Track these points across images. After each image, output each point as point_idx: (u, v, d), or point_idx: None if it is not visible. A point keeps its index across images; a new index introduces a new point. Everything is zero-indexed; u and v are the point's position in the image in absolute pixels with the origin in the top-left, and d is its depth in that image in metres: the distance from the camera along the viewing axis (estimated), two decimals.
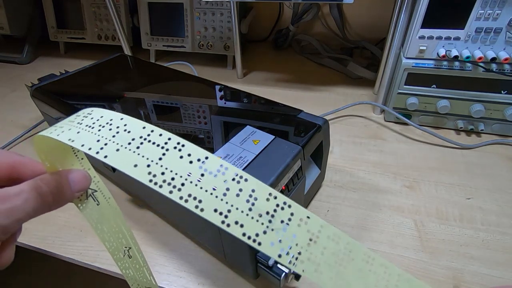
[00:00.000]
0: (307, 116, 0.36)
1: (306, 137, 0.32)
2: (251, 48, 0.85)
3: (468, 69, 0.44)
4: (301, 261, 0.16)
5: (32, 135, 0.55)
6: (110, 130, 0.17)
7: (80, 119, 0.18)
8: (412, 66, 0.46)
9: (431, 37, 0.44)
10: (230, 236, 0.29)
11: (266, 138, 0.32)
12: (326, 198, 0.40)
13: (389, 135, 0.51)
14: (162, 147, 0.16)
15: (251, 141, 0.32)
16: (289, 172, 0.29)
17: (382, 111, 0.55)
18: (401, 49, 0.49)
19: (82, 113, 0.18)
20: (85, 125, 0.17)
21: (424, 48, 0.45)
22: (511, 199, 0.39)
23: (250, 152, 0.30)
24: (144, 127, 0.17)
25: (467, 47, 0.44)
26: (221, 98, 0.40)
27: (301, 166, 0.31)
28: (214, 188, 0.16)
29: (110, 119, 0.17)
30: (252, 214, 0.16)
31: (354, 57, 0.74)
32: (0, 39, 0.93)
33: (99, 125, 0.17)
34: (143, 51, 0.79)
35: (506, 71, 0.43)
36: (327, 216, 0.38)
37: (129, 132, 0.17)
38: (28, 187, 0.18)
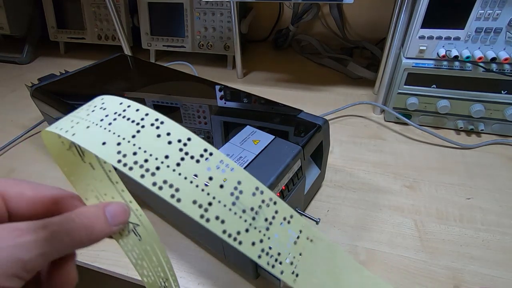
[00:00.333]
0: (307, 116, 0.36)
1: (306, 137, 0.32)
2: (251, 48, 0.85)
3: (468, 69, 0.44)
4: (280, 263, 0.15)
5: (32, 135, 0.55)
6: (87, 110, 0.15)
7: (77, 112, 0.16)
8: (412, 66, 0.46)
9: (431, 37, 0.44)
10: None
11: (266, 138, 0.32)
12: (326, 198, 0.40)
13: (389, 135, 0.51)
14: (138, 123, 0.14)
15: (251, 141, 0.32)
16: (289, 172, 0.29)
17: (382, 111, 0.55)
18: (401, 49, 0.49)
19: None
20: (75, 114, 0.16)
21: (424, 48, 0.45)
22: (511, 199, 0.39)
23: (250, 152, 0.30)
24: (121, 103, 0.15)
25: (467, 47, 0.44)
26: (221, 98, 0.40)
27: (301, 166, 0.31)
28: (195, 176, 0.14)
29: (93, 102, 0.16)
30: (235, 209, 0.14)
31: (354, 57, 0.74)
32: (0, 39, 0.93)
33: (81, 109, 0.16)
34: (143, 51, 0.79)
35: (506, 71, 0.43)
36: (327, 216, 0.38)
37: (104, 109, 0.15)
38: (58, 220, 0.16)
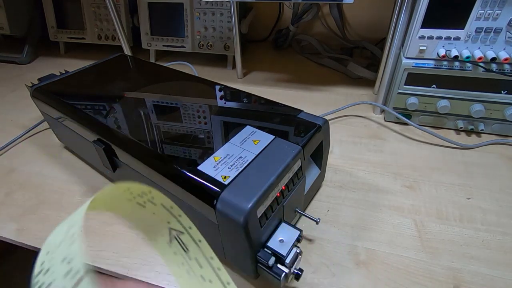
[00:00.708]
0: (307, 116, 0.36)
1: (306, 137, 0.32)
2: (251, 48, 0.85)
3: (468, 69, 0.44)
4: None
5: (32, 135, 0.55)
6: None
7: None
8: (412, 66, 0.46)
9: (431, 37, 0.44)
10: (230, 236, 0.29)
11: (266, 138, 0.32)
12: (326, 198, 0.40)
13: (389, 135, 0.51)
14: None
15: (251, 141, 0.32)
16: (289, 172, 0.29)
17: (382, 111, 0.55)
18: (401, 49, 0.49)
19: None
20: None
21: (424, 48, 0.45)
22: (511, 199, 0.39)
23: (250, 152, 0.30)
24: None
25: (467, 47, 0.44)
26: (221, 98, 0.40)
27: (301, 166, 0.31)
28: None
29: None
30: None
31: (354, 57, 0.74)
32: (0, 39, 0.93)
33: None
34: (143, 51, 0.79)
35: (506, 71, 0.43)
36: (327, 216, 0.38)
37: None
38: None
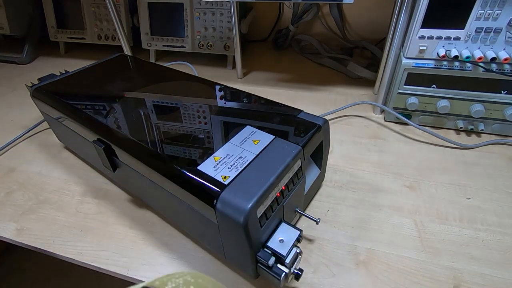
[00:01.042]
0: (307, 116, 0.36)
1: (306, 137, 0.32)
2: (251, 48, 0.85)
3: (468, 69, 0.44)
4: None
5: (32, 135, 0.55)
6: None
7: None
8: (412, 66, 0.46)
9: (431, 37, 0.44)
10: (230, 236, 0.29)
11: (266, 138, 0.32)
12: (326, 198, 0.40)
13: (389, 135, 0.51)
14: None
15: (251, 141, 0.32)
16: (289, 172, 0.29)
17: (382, 111, 0.55)
18: (401, 49, 0.49)
19: None
20: None
21: (424, 48, 0.45)
22: (511, 199, 0.39)
23: (250, 152, 0.30)
24: None
25: (467, 47, 0.44)
26: (221, 98, 0.40)
27: (301, 166, 0.31)
28: None
29: None
30: None
31: (354, 57, 0.74)
32: (0, 39, 0.93)
33: None
34: (143, 51, 0.79)
35: (506, 71, 0.43)
36: (327, 216, 0.38)
37: None
38: None
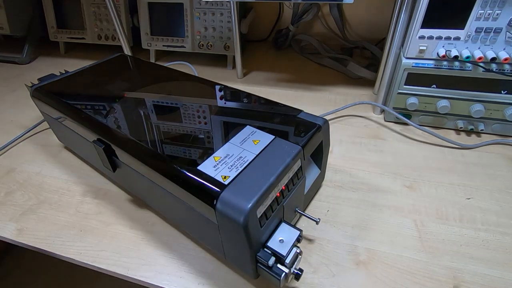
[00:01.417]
0: (307, 116, 0.36)
1: (306, 137, 0.32)
2: (251, 48, 0.85)
3: (468, 69, 0.44)
4: None
5: (32, 135, 0.55)
6: None
7: None
8: (412, 66, 0.46)
9: (431, 37, 0.44)
10: (230, 236, 0.29)
11: (266, 138, 0.32)
12: (326, 198, 0.40)
13: (389, 135, 0.51)
14: None
15: (251, 141, 0.32)
16: (289, 172, 0.29)
17: (382, 111, 0.55)
18: (401, 49, 0.49)
19: None
20: None
21: (424, 48, 0.45)
22: (511, 199, 0.39)
23: (250, 152, 0.30)
24: None
25: (467, 47, 0.44)
26: (221, 98, 0.40)
27: (301, 166, 0.31)
28: None
29: None
30: None
31: (354, 57, 0.74)
32: (0, 39, 0.93)
33: None
34: (143, 51, 0.79)
35: (506, 71, 0.43)
36: (327, 216, 0.38)
37: None
38: None
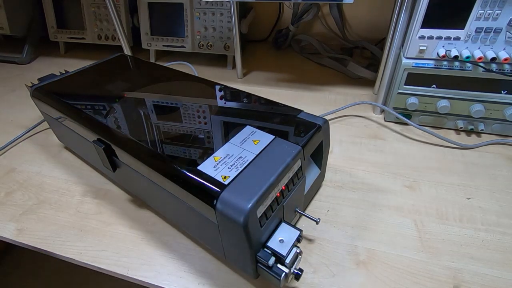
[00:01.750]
0: (307, 116, 0.36)
1: (306, 137, 0.32)
2: (251, 48, 0.85)
3: (468, 69, 0.44)
4: None
5: (32, 135, 0.55)
6: None
7: None
8: (412, 66, 0.46)
9: (431, 37, 0.44)
10: (230, 236, 0.29)
11: (266, 138, 0.32)
12: (326, 198, 0.40)
13: (389, 135, 0.51)
14: None
15: (251, 141, 0.32)
16: (289, 172, 0.29)
17: (382, 111, 0.55)
18: (401, 49, 0.49)
19: None
20: None
21: (424, 48, 0.45)
22: (511, 199, 0.39)
23: (250, 152, 0.30)
24: None
25: (467, 47, 0.44)
26: (221, 98, 0.40)
27: (301, 166, 0.31)
28: None
29: None
30: None
31: (354, 57, 0.74)
32: (0, 39, 0.93)
33: None
34: (143, 51, 0.79)
35: (506, 71, 0.43)
36: (327, 216, 0.38)
37: None
38: None
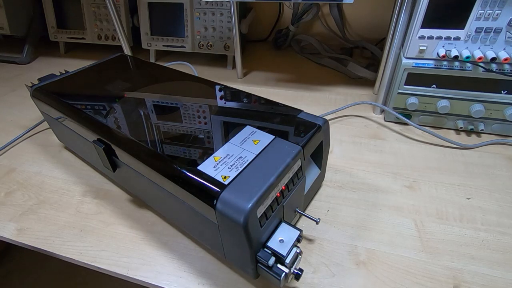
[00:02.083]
0: (307, 116, 0.36)
1: (306, 137, 0.32)
2: (251, 48, 0.85)
3: (468, 69, 0.44)
4: None
5: (32, 135, 0.55)
6: None
7: None
8: (412, 66, 0.46)
9: (431, 37, 0.44)
10: (230, 236, 0.29)
11: (266, 138, 0.32)
12: (326, 198, 0.40)
13: (389, 135, 0.51)
14: None
15: (251, 141, 0.32)
16: (289, 172, 0.29)
17: (382, 111, 0.55)
18: (401, 49, 0.49)
19: None
20: None
21: (424, 48, 0.45)
22: (511, 199, 0.39)
23: (250, 152, 0.30)
24: None
25: (467, 47, 0.44)
26: (221, 98, 0.40)
27: (301, 166, 0.31)
28: None
29: None
30: None
31: (354, 57, 0.74)
32: (0, 39, 0.93)
33: None
34: (143, 51, 0.79)
35: (506, 71, 0.43)
36: (327, 216, 0.38)
37: None
38: None
